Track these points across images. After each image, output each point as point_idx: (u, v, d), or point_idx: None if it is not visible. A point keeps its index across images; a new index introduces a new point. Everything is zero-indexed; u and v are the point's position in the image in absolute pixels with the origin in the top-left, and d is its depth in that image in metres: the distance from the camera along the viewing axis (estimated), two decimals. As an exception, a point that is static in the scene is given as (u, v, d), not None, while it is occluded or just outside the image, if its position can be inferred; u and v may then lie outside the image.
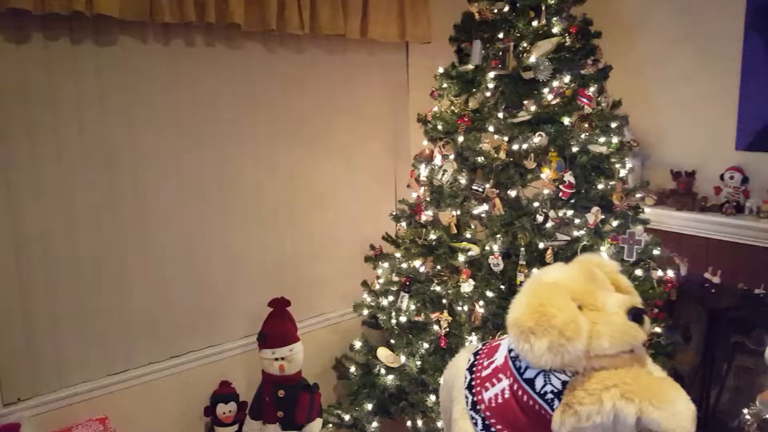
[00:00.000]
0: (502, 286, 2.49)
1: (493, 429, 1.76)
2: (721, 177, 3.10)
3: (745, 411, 2.88)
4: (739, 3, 3.05)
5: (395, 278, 2.84)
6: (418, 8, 3.24)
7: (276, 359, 2.74)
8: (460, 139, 2.59)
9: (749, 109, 3.06)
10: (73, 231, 2.46)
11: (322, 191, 3.23)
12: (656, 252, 2.70)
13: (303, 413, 2.75)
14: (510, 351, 1.76)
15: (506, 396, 1.75)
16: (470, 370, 1.92)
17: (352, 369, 3.01)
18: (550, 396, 1.61)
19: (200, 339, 2.88)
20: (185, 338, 2.83)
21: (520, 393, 1.70)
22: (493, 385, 1.80)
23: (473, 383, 1.87)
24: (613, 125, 2.62)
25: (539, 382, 1.64)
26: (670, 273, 2.76)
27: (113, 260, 2.57)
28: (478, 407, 1.82)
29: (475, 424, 1.80)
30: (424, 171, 2.74)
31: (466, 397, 1.86)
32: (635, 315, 1.57)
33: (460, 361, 2.01)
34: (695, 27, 3.24)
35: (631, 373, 1.53)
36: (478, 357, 1.96)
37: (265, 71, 2.92)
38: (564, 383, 1.59)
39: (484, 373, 1.85)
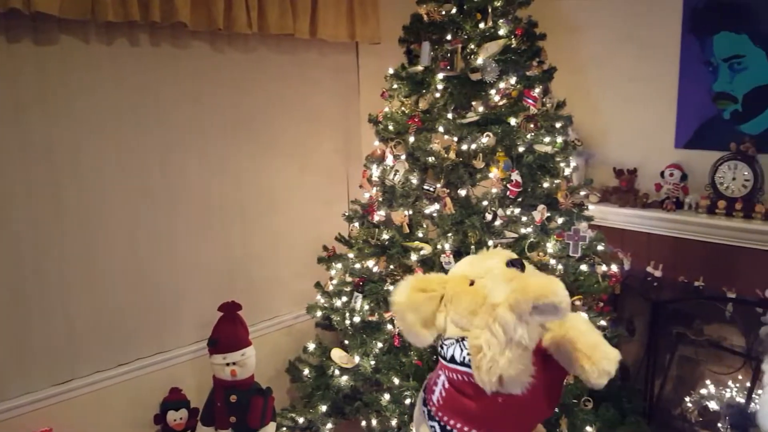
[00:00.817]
0: (454, 284, 2.52)
1: (448, 427, 1.79)
2: (662, 174, 3.21)
3: (687, 399, 3.01)
4: (677, 6, 3.17)
5: (349, 279, 2.84)
6: (367, 9, 3.25)
7: (227, 364, 2.70)
8: (411, 139, 2.61)
9: (687, 109, 3.19)
10: (11, 235, 2.36)
11: (273, 192, 3.20)
12: (600, 248, 2.78)
13: (256, 418, 2.72)
14: (441, 347, 1.85)
15: (446, 387, 1.83)
16: (424, 389, 2.01)
17: (306, 371, 2.99)
18: (468, 358, 1.71)
19: (148, 345, 2.81)
20: (133, 345, 2.75)
21: (452, 376, 1.78)
22: (436, 385, 1.88)
23: (425, 396, 1.94)
24: (558, 125, 2.68)
25: (457, 353, 1.75)
26: (614, 268, 2.85)
27: (55, 265, 2.48)
28: (432, 414, 1.86)
29: (434, 431, 1.84)
30: (376, 171, 2.75)
31: (423, 412, 1.93)
32: (512, 262, 1.77)
33: (420, 390, 2.11)
34: (635, 29, 3.36)
35: (497, 289, 1.73)
36: (429, 377, 2.03)
37: (213, 71, 2.88)
38: None
39: (431, 381, 1.94)
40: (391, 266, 2.70)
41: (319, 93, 3.33)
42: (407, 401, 2.52)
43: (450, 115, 2.58)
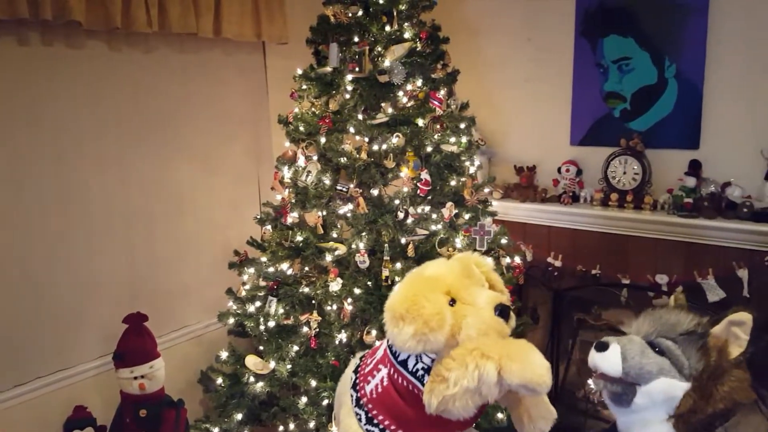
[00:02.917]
0: (369, 283, 2.55)
1: (375, 420, 1.80)
2: (559, 170, 3.40)
3: (590, 381, 3.20)
4: (570, 11, 3.36)
5: (262, 283, 2.79)
6: (274, 8, 3.21)
7: (135, 378, 2.59)
8: (323, 140, 2.61)
9: (580, 108, 3.40)
10: None
11: (180, 197, 3.09)
12: (504, 241, 2.90)
13: (169, 431, 2.63)
14: (388, 340, 1.81)
15: (385, 384, 1.81)
16: (356, 371, 1.96)
17: (219, 380, 2.91)
18: (421, 373, 1.69)
19: (49, 363, 2.63)
20: (31, 363, 2.57)
21: (396, 376, 1.76)
22: (373, 377, 1.85)
23: (357, 381, 1.91)
24: (462, 126, 2.77)
25: (411, 362, 1.72)
26: (518, 260, 2.99)
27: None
28: (361, 402, 1.85)
29: (359, 419, 1.83)
30: (287, 173, 2.72)
31: (351, 396, 1.89)
32: (501, 311, 1.68)
33: (350, 367, 2.05)
34: (533, 32, 3.53)
35: (490, 338, 1.65)
36: (363, 358, 2.01)
37: (111, 72, 2.73)
38: (433, 360, 1.68)
39: (367, 369, 1.91)
40: (306, 268, 2.69)
41: (225, 93, 3.25)
42: (325, 402, 2.51)
43: (360, 116, 2.60)
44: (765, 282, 2.74)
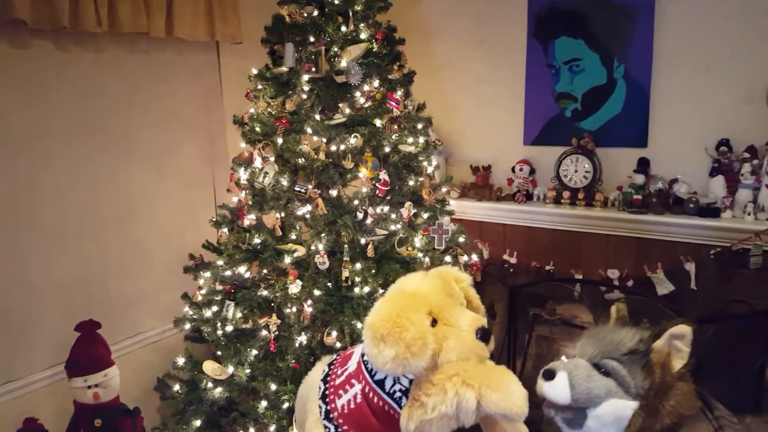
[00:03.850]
0: (329, 284, 2.54)
1: None
2: (513, 169, 3.47)
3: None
4: (522, 13, 3.43)
5: (219, 287, 2.75)
6: (227, 8, 3.16)
7: (89, 387, 2.51)
8: (280, 140, 2.59)
9: (533, 109, 3.47)
10: None
11: (133, 200, 3.02)
12: (462, 239, 2.93)
13: (125, 440, 2.56)
14: (363, 355, 1.80)
15: (358, 401, 1.79)
16: (324, 380, 1.94)
17: (176, 387, 2.85)
18: (398, 395, 1.68)
19: (-4, 375, 2.53)
20: (-24, 376, 2.47)
21: (371, 395, 1.74)
22: (346, 391, 1.83)
23: (327, 392, 1.89)
24: (419, 126, 2.80)
25: (389, 383, 1.71)
26: (475, 257, 3.04)
27: None
28: (331, 415, 1.83)
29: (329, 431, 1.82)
30: (244, 174, 2.68)
31: (320, 407, 1.87)
32: (483, 335, 1.70)
33: (315, 373, 2.02)
34: (487, 34, 3.59)
35: (471, 364, 1.65)
36: (332, 367, 1.98)
37: (58, 73, 2.64)
38: (411, 381, 1.67)
39: (338, 381, 1.88)
40: (264, 270, 2.66)
41: (178, 94, 3.18)
42: (285, 405, 2.49)
43: (318, 117, 2.59)
44: (711, 275, 2.85)
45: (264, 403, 2.55)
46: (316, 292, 2.51)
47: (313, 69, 2.59)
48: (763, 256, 2.66)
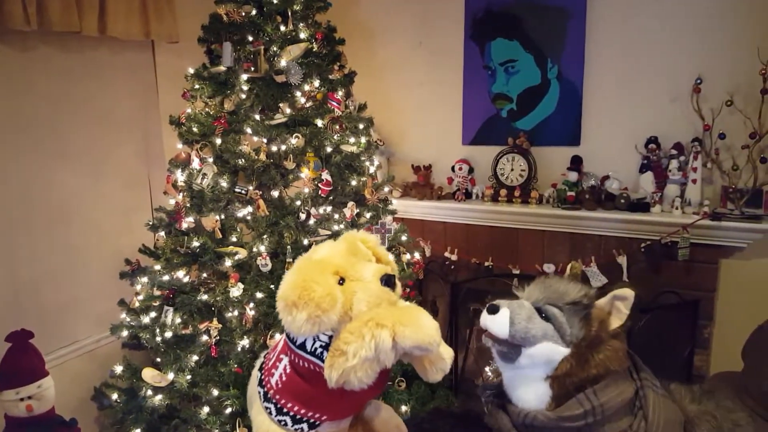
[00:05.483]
0: (272, 286, 2.52)
1: (285, 409, 1.82)
2: (452, 169, 3.53)
3: (486, 369, 3.36)
4: (460, 15, 3.49)
5: (157, 292, 2.68)
6: (163, 6, 3.07)
7: (21, 399, 2.40)
8: (218, 141, 2.55)
9: (471, 109, 3.54)
10: None
11: (65, 203, 2.90)
12: (404, 238, 2.98)
13: (61, 453, 2.47)
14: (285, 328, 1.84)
15: (288, 371, 1.84)
16: (260, 369, 1.97)
17: (115, 396, 2.77)
18: (320, 350, 1.73)
19: None
20: None
21: (297, 360, 1.79)
22: (276, 368, 1.88)
23: (262, 378, 1.92)
24: (361, 126, 2.81)
25: (309, 343, 1.76)
26: (417, 255, 3.08)
27: None
28: (268, 395, 1.86)
29: (270, 412, 1.84)
30: (181, 176, 2.63)
31: (259, 393, 1.90)
32: (387, 281, 1.76)
33: (256, 367, 2.04)
34: (426, 36, 3.64)
35: (382, 308, 1.72)
36: (266, 355, 2.02)
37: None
38: (330, 337, 1.72)
39: (270, 363, 1.93)
40: (204, 274, 2.61)
41: (112, 94, 3.08)
42: (228, 410, 2.47)
43: (257, 117, 2.57)
44: (642, 267, 2.99)
45: (206, 409, 2.51)
46: (259, 295, 2.49)
47: (252, 68, 2.57)
48: (690, 248, 2.81)
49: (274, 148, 2.56)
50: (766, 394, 2.08)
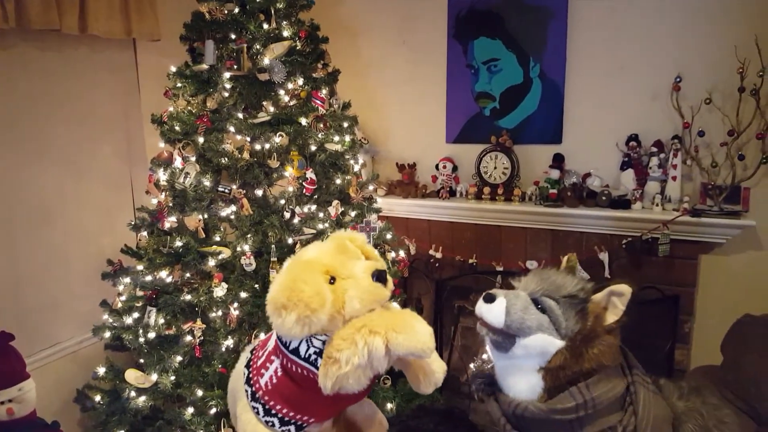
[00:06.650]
0: (256, 285, 2.52)
1: (273, 411, 1.81)
2: (436, 167, 3.54)
3: (471, 365, 3.37)
4: (443, 14, 3.50)
5: (139, 293, 2.66)
6: (144, 4, 3.03)
7: (2, 402, 2.37)
8: (201, 140, 2.54)
9: (454, 108, 3.55)
10: None
11: (46, 203, 2.86)
12: (389, 236, 2.99)
13: (43, 456, 2.44)
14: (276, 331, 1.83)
15: (279, 374, 1.83)
16: (247, 366, 1.97)
17: (98, 398, 2.75)
18: (314, 357, 1.73)
19: None
20: None
21: (289, 365, 1.79)
22: (267, 369, 1.88)
23: (250, 375, 1.92)
24: (345, 125, 2.82)
25: (303, 348, 1.76)
26: (402, 253, 3.09)
27: None
28: (257, 395, 1.86)
29: (257, 412, 1.84)
30: (163, 175, 2.60)
31: (246, 391, 1.89)
32: (378, 276, 1.76)
33: (240, 363, 2.03)
34: (410, 34, 3.64)
35: (375, 313, 1.73)
36: (254, 352, 2.02)
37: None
38: (324, 342, 1.72)
39: (259, 362, 1.92)
40: (188, 274, 2.59)
41: (93, 93, 3.05)
42: (212, 411, 2.46)
43: (241, 115, 2.56)
44: (623, 263, 3.02)
45: (190, 410, 2.50)
46: (243, 295, 2.48)
47: (235, 66, 2.56)
48: (670, 244, 2.84)
49: (257, 147, 2.55)
50: (745, 386, 2.12)
